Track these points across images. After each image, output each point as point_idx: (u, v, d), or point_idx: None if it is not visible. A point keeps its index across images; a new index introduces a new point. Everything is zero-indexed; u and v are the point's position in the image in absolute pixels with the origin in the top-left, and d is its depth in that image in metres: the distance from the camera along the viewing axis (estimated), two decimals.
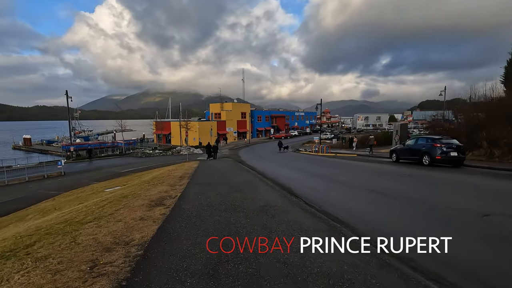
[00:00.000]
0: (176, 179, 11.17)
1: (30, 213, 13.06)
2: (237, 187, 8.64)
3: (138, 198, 7.28)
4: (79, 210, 6.94)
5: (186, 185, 9.12)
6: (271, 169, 15.77)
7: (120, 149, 43.04)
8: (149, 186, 9.98)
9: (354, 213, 5.76)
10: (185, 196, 7.06)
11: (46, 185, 21.17)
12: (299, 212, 5.55)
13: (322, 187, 9.45)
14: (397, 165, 15.43)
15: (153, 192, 7.99)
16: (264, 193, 7.58)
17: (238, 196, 7.00)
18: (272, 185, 9.28)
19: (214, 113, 61.90)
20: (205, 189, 8.30)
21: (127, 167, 26.84)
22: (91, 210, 6.27)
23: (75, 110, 77.21)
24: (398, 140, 25.88)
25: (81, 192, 16.92)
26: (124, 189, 11.27)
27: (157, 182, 10.62)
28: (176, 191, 7.97)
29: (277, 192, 7.92)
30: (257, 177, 11.32)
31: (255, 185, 9.15)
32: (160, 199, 6.84)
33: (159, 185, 9.57)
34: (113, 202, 7.09)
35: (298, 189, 8.72)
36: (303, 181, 10.82)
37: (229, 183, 9.58)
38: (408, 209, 6.23)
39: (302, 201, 6.87)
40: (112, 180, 20.32)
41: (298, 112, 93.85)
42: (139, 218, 4.97)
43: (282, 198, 7.02)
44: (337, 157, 23.35)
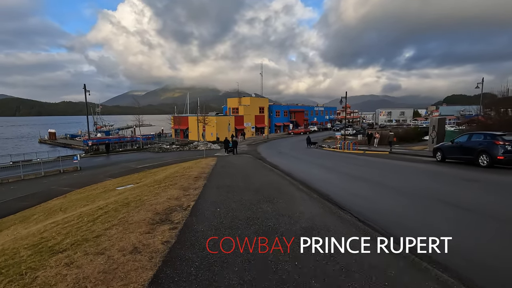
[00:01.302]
0: (191, 179, 9.65)
1: (36, 213, 12.10)
2: (264, 192, 6.93)
3: (142, 207, 5.75)
4: (68, 222, 5.52)
5: (201, 189, 7.53)
6: (296, 167, 13.95)
7: (138, 144, 42.69)
8: (159, 188, 8.50)
9: (455, 249, 3.78)
10: (199, 208, 5.44)
11: (60, 180, 20.54)
12: (358, 233, 3.75)
13: (370, 194, 7.53)
14: (445, 166, 13.16)
15: (161, 199, 6.45)
16: (301, 204, 5.82)
17: (269, 210, 5.28)
18: (307, 190, 7.47)
19: (232, 108, 60.52)
20: (224, 195, 6.65)
21: (143, 163, 25.96)
22: (78, 226, 4.79)
23: (97, 106, 78.79)
24: (435, 136, 23.24)
25: (93, 190, 15.95)
26: (133, 190, 9.89)
27: (169, 184, 9.13)
28: (189, 198, 6.38)
29: (317, 202, 6.13)
30: (285, 179, 9.55)
31: (286, 190, 7.39)
32: (167, 211, 5.26)
33: (171, 188, 8.05)
34: (109, 213, 5.61)
35: (341, 197, 6.88)
36: (341, 184, 8.95)
37: (253, 186, 7.89)
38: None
39: (356, 218, 5.06)
40: (126, 176, 19.33)
41: (318, 107, 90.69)
42: (131, 249, 3.37)
43: (327, 213, 5.23)
44: (367, 155, 21.11)
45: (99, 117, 77.40)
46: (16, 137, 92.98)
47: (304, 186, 8.28)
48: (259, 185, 8.05)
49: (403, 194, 7.26)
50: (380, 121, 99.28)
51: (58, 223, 5.70)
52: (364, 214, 5.29)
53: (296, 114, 73.88)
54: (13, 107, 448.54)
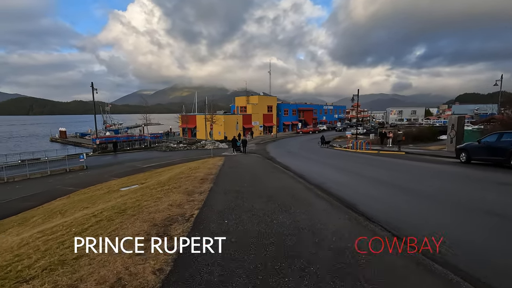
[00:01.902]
0: (196, 182, 8.89)
1: (36, 215, 11.59)
2: (278, 199, 6.10)
3: (139, 216, 5.00)
4: (54, 233, 4.81)
5: (207, 194, 6.74)
6: (309, 169, 13.04)
7: (145, 143, 42.44)
8: (162, 191, 7.77)
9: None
10: (203, 219, 4.64)
11: (66, 180, 20.18)
12: (417, 273, 2.88)
13: (398, 201, 6.59)
14: (473, 168, 12.08)
15: (161, 205, 5.69)
16: (323, 215, 4.96)
17: (286, 222, 4.44)
18: (326, 197, 6.59)
19: (240, 106, 59.79)
20: (233, 203, 5.85)
21: (149, 162, 25.48)
22: (61, 241, 4.06)
23: (106, 105, 79.33)
24: (454, 136, 21.98)
25: (97, 190, 15.44)
26: (134, 193, 9.20)
27: (173, 186, 8.39)
28: (193, 206, 5.60)
29: (340, 212, 5.25)
30: (299, 182, 8.68)
31: (302, 196, 6.53)
32: (166, 222, 4.49)
33: (174, 192, 7.30)
34: (102, 222, 4.88)
35: (366, 205, 5.98)
36: (363, 189, 8.02)
37: (265, 191, 7.06)
38: None
39: (388, 232, 4.18)
40: (132, 176, 18.81)
41: (327, 105, 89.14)
42: (113, 280, 2.59)
43: (355, 226, 4.36)
44: (381, 155, 20.00)
45: (109, 116, 77.93)
46: (28, 135, 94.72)
47: (321, 191, 7.40)
48: (271, 190, 7.21)
49: (438, 203, 6.30)
50: (391, 120, 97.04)
51: (44, 233, 5.01)
52: (403, 229, 4.40)
53: (305, 113, 72.63)
54: (27, 106, 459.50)
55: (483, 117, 76.70)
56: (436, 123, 68.80)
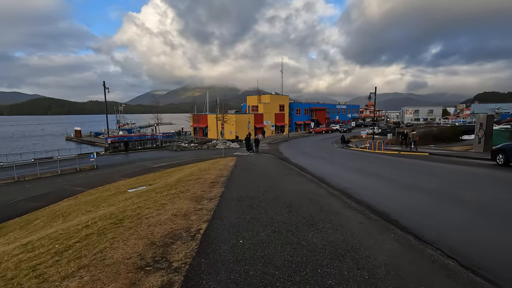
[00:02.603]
0: (206, 185, 8.03)
1: (40, 217, 11.06)
2: (301, 208, 5.13)
3: (136, 229, 4.16)
4: (32, 251, 4.03)
5: (217, 201, 5.85)
6: (328, 171, 11.96)
7: (157, 142, 42.23)
8: (168, 196, 6.95)
9: None
10: (212, 237, 3.73)
11: (75, 179, 19.84)
12: None
13: (452, 217, 5.42)
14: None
15: (164, 215, 4.84)
16: (361, 233, 3.96)
17: (317, 243, 3.47)
18: (358, 207, 5.55)
19: (251, 106, 58.91)
20: (247, 213, 4.92)
21: (160, 162, 24.95)
22: (34, 265, 3.24)
23: (120, 104, 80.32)
24: (483, 136, 20.38)
25: (105, 191, 14.90)
26: (138, 197, 8.43)
27: (180, 190, 7.55)
28: (201, 217, 4.71)
29: (382, 228, 4.23)
30: (320, 187, 7.66)
31: (329, 205, 5.52)
32: (167, 239, 3.61)
33: (180, 198, 6.45)
34: (91, 237, 4.06)
35: (408, 218, 4.92)
36: (395, 196, 6.91)
37: (283, 198, 6.10)
38: None
39: (460, 264, 3.14)
40: (141, 176, 18.24)
41: (340, 105, 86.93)
42: None
43: (408, 251, 3.34)
44: (404, 156, 18.63)
45: (122, 115, 78.83)
46: (45, 134, 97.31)
47: (349, 198, 6.36)
48: (291, 197, 6.23)
49: (491, 215, 5.16)
50: (406, 120, 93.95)
51: (26, 248, 4.25)
52: (467, 254, 3.35)
53: (317, 112, 70.97)
54: (45, 106, 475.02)
55: (505, 116, 72.76)
56: (455, 122, 65.68)
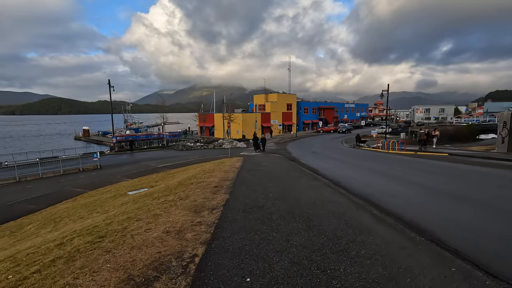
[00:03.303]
0: (208, 190, 7.13)
1: (33, 222, 10.36)
2: (323, 224, 4.17)
3: (113, 254, 3.27)
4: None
5: (220, 213, 4.92)
6: (343, 173, 10.91)
7: (162, 142, 41.71)
8: (164, 204, 6.07)
9: None
10: (210, 271, 2.79)
11: (77, 180, 19.25)
12: None
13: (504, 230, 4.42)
14: None
15: (154, 233, 3.94)
16: (412, 265, 2.97)
17: (354, 283, 2.51)
18: (392, 221, 4.54)
19: (258, 104, 57.94)
20: (256, 232, 3.96)
21: (164, 162, 24.24)
22: None
23: (127, 104, 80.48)
24: (507, 135, 18.98)
25: (105, 193, 14.19)
26: (133, 203, 7.58)
27: (178, 197, 6.66)
28: (198, 236, 3.79)
29: (430, 253, 3.23)
30: (339, 193, 6.65)
31: (356, 220, 4.53)
32: (149, 274, 2.69)
33: (177, 207, 5.55)
34: (55, 267, 3.18)
35: (460, 239, 3.90)
36: (433, 207, 5.85)
37: (299, 208, 5.13)
38: None
39: None
40: (144, 177, 17.51)
41: (348, 104, 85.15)
42: None
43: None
44: (421, 157, 17.38)
45: (129, 115, 78.95)
46: (55, 134, 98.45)
47: (378, 209, 5.34)
48: (308, 207, 5.26)
49: None
50: (417, 119, 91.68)
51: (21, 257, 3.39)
52: None
53: (326, 111, 69.55)
54: (56, 106, 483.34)
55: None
56: (469, 121, 63.31)
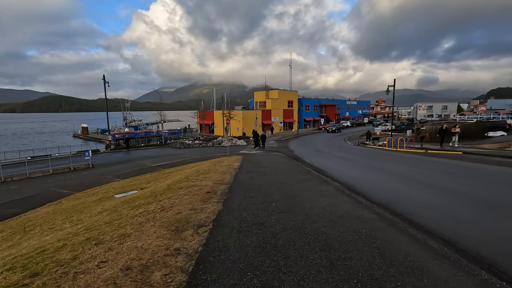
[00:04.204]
0: (198, 198, 5.91)
1: (5, 230, 9.19)
2: (347, 256, 2.95)
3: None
4: None
5: (207, 235, 3.70)
6: (353, 174, 9.68)
7: (160, 139, 40.54)
8: (141, 218, 4.86)
9: None
10: None
11: (66, 180, 18.06)
12: None
13: None
14: None
15: (108, 271, 2.73)
16: None
17: None
18: (452, 254, 3.32)
19: (259, 101, 56.64)
20: (255, 270, 2.74)
21: (160, 160, 23.04)
22: None
23: (126, 101, 79.28)
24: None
25: (92, 195, 13.01)
26: (109, 214, 6.38)
27: (161, 207, 5.43)
28: (168, 280, 2.56)
29: None
30: (358, 203, 5.41)
31: (394, 246, 3.31)
32: None
33: (155, 224, 4.34)
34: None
35: None
36: (488, 224, 4.63)
37: (312, 229, 3.89)
38: None
39: None
40: (136, 177, 16.31)
41: (350, 101, 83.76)
42: None
43: None
44: (435, 155, 16.12)
45: (129, 112, 77.84)
46: (54, 131, 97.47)
47: (420, 230, 4.07)
48: (323, 225, 4.02)
49: None
50: (419, 116, 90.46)
51: None
52: None
53: (327, 108, 68.25)
54: (56, 104, 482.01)
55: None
56: (473, 119, 61.89)
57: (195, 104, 54.58)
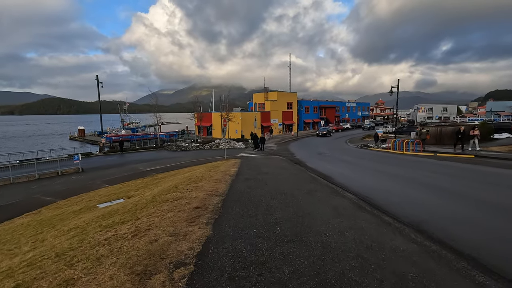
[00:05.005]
0: (184, 217, 4.75)
1: None
2: None
3: None
4: None
5: (185, 284, 2.56)
6: (365, 182, 8.55)
7: (156, 142, 39.36)
8: (99, 250, 3.72)
9: None
10: None
11: (52, 186, 16.84)
12: None
13: None
14: None
15: None
16: None
17: None
18: None
19: (258, 103, 55.56)
20: None
21: (155, 164, 21.85)
22: None
23: (124, 103, 78.06)
24: None
25: (74, 204, 11.84)
26: (71, 237, 5.22)
27: (134, 230, 4.28)
28: None
29: None
30: (388, 225, 4.28)
31: None
32: None
33: (118, 258, 3.20)
34: None
35: None
36: None
37: (335, 278, 2.77)
38: None
39: None
40: (126, 183, 15.12)
41: (350, 102, 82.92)
42: None
43: None
44: (446, 159, 15.01)
45: (126, 114, 76.62)
46: (50, 134, 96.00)
47: (487, 274, 2.95)
48: (349, 265, 2.88)
49: None
50: (419, 118, 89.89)
51: None
52: None
53: (327, 110, 67.23)
54: (55, 106, 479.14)
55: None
56: (474, 120, 61.02)
57: (193, 106, 53.35)
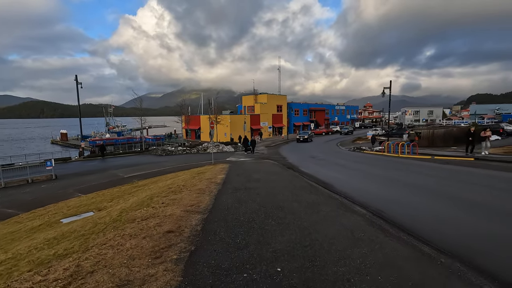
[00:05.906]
0: (149, 248, 3.51)
1: None
2: None
3: None
4: None
5: None
6: (373, 191, 7.50)
7: (139, 146, 37.55)
8: None
9: None
10: None
11: (18, 195, 15.06)
12: None
13: None
14: None
15: None
16: None
17: None
18: None
19: (247, 106, 54.44)
20: None
21: (136, 170, 20.26)
22: None
23: (109, 106, 75.31)
24: None
25: (36, 218, 10.32)
26: (15, 259, 3.90)
27: (73, 273, 3.04)
28: None
29: None
30: (431, 259, 3.19)
31: None
32: None
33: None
34: None
35: None
36: None
37: None
38: None
39: None
40: (101, 192, 13.57)
41: (339, 105, 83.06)
42: None
43: None
44: (450, 162, 14.24)
45: (112, 117, 73.95)
46: (31, 138, 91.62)
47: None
48: None
49: None
50: (407, 121, 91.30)
51: None
52: None
53: (317, 113, 66.80)
54: (38, 110, 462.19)
55: (506, 117, 69.26)
56: (460, 123, 61.98)
57: (180, 108, 51.64)
